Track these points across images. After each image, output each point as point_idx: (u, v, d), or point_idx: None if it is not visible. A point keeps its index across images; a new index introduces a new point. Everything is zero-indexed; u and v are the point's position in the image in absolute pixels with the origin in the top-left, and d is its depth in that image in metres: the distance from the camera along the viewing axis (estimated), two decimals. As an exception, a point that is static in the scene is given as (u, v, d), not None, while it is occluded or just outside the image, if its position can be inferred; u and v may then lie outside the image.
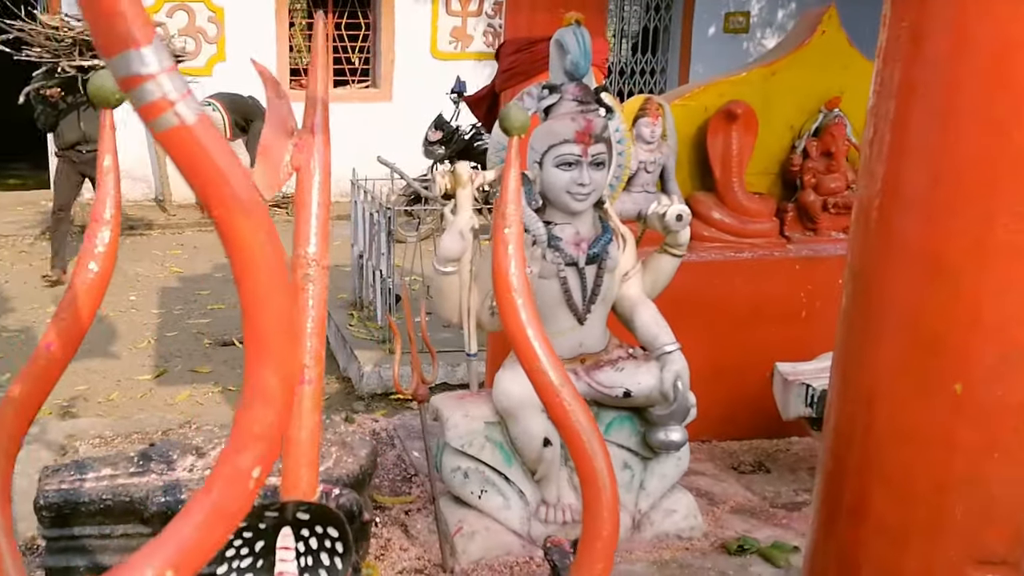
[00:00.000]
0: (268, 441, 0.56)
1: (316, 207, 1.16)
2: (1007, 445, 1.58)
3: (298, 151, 1.16)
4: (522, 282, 1.19)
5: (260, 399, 0.54)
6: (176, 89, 0.54)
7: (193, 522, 0.55)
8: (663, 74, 11.67)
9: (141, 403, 5.13)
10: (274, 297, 0.55)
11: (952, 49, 1.46)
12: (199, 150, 0.54)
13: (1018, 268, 1.49)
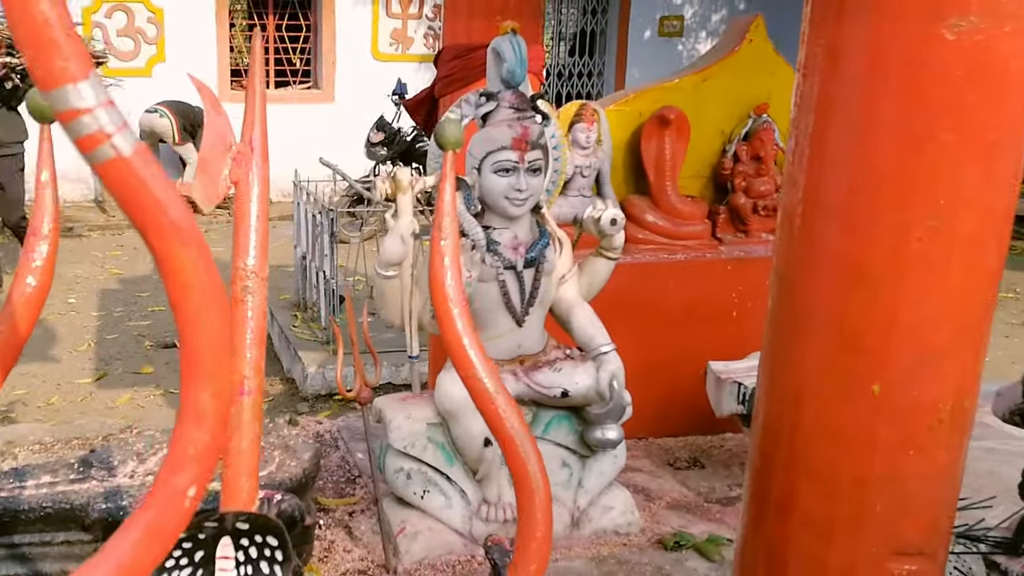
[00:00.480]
0: (203, 461, 0.58)
1: (255, 220, 1.19)
2: (922, 443, 1.65)
3: (236, 165, 1.18)
4: (458, 292, 1.23)
5: (195, 420, 0.57)
6: (113, 122, 0.57)
7: (130, 540, 0.58)
8: (600, 77, 11.80)
9: (82, 407, 5.06)
10: (210, 321, 0.58)
11: (868, 67, 1.53)
12: (136, 181, 0.57)
13: (931, 275, 1.56)
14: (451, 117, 2.18)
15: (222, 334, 0.57)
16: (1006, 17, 1.43)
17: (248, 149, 1.18)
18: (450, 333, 1.23)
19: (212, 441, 0.58)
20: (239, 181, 1.18)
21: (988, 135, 1.50)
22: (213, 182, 1.16)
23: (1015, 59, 1.47)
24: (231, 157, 1.18)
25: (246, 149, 1.18)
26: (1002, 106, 1.49)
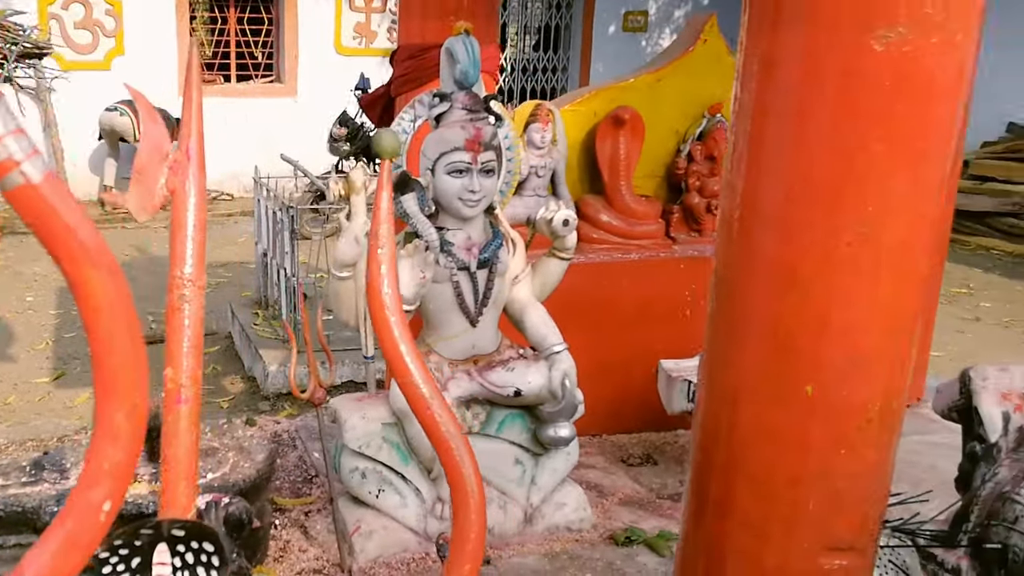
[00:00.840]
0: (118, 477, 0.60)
1: (192, 228, 1.20)
2: (852, 442, 1.70)
3: (173, 174, 1.19)
4: (395, 300, 1.25)
5: (109, 438, 0.59)
6: (22, 149, 0.58)
7: (49, 553, 0.60)
8: (564, 72, 11.84)
9: (39, 407, 5.02)
10: (121, 342, 0.59)
11: (801, 76, 1.57)
12: (46, 207, 0.58)
13: (861, 280, 1.61)
14: (389, 127, 2.19)
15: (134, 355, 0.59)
16: (933, 29, 1.47)
17: (185, 158, 1.19)
18: (388, 340, 1.25)
19: (126, 457, 0.60)
20: (176, 190, 1.19)
21: (916, 144, 1.54)
22: (149, 191, 1.18)
23: (941, 70, 1.51)
24: (167, 166, 1.19)
25: (183, 158, 1.19)
26: (929, 116, 1.54)
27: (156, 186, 1.19)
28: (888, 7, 1.46)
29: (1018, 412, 2.62)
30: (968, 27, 1.51)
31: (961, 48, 1.51)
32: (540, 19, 12.00)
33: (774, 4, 1.59)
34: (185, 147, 1.21)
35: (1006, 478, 2.57)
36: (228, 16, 10.57)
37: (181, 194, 1.19)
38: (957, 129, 1.59)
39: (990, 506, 2.57)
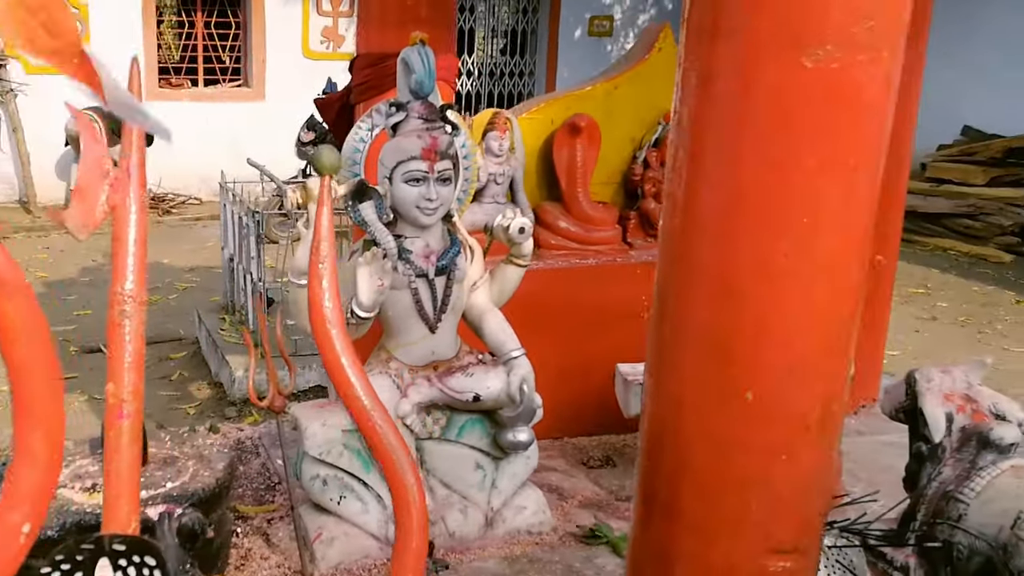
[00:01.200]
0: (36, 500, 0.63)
1: (133, 244, 1.22)
2: (792, 447, 1.74)
3: (114, 191, 1.22)
4: (336, 314, 1.28)
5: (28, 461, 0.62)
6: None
7: (-33, 572, 0.62)
8: (531, 76, 11.89)
9: (3, 414, 5.00)
10: (38, 368, 0.62)
11: (736, 91, 1.61)
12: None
13: (796, 290, 1.65)
14: (328, 145, 2.21)
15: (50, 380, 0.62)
16: (860, 47, 1.52)
17: (125, 175, 1.22)
18: (329, 353, 1.27)
19: (45, 480, 0.62)
20: (117, 207, 1.21)
21: (847, 158, 1.59)
22: (90, 208, 1.20)
23: (869, 86, 1.56)
24: (108, 183, 1.21)
25: (123, 175, 1.21)
26: (859, 130, 1.59)
27: (97, 203, 1.21)
28: (817, 26, 1.51)
29: (961, 413, 2.69)
30: (893, 45, 1.56)
31: (887, 65, 1.56)
32: (507, 23, 12.05)
33: (711, 20, 1.63)
34: (126, 164, 1.23)
35: (950, 477, 2.64)
36: (195, 20, 10.54)
37: (122, 210, 1.21)
38: (886, 142, 1.64)
39: (935, 505, 2.64)
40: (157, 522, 1.85)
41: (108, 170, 1.22)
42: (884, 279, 4.29)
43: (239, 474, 3.54)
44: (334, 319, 1.28)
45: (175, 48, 11.16)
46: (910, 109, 4.12)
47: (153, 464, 2.73)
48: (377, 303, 2.76)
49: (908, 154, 4.26)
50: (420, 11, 3.24)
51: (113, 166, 1.24)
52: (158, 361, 6.00)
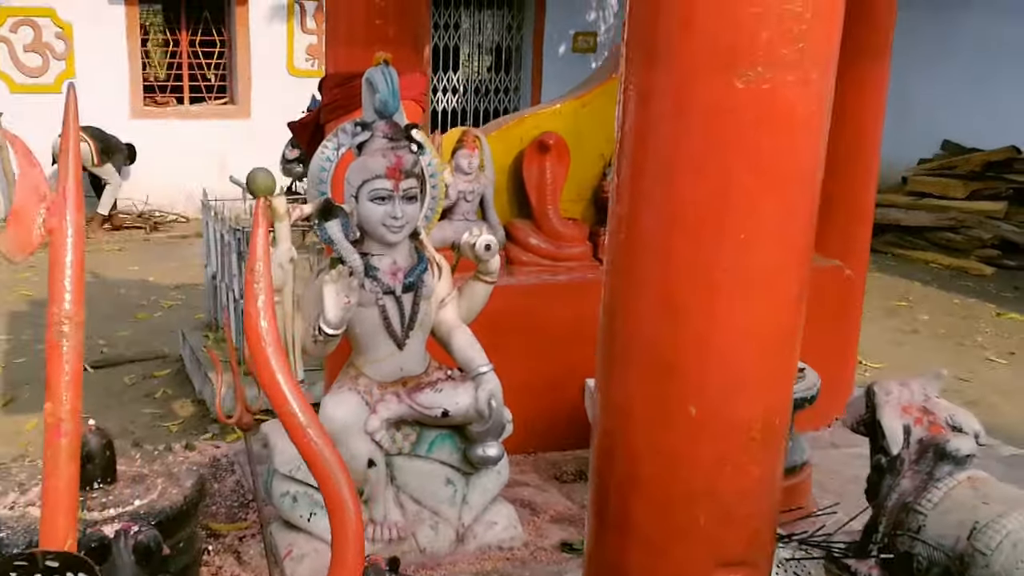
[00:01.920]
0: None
1: (69, 267, 1.25)
2: (737, 460, 1.78)
3: (51, 214, 1.25)
4: (271, 333, 1.31)
5: None
6: None
7: None
8: (517, 92, 11.96)
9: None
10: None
11: (673, 111, 1.65)
12: None
13: (735, 304, 1.69)
14: (262, 167, 2.24)
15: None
16: (788, 68, 1.57)
17: (62, 199, 1.25)
18: (264, 371, 1.31)
19: None
20: (54, 230, 1.25)
21: (782, 174, 1.63)
22: (27, 231, 1.23)
23: (801, 106, 1.60)
24: (45, 207, 1.24)
25: (59, 199, 1.25)
26: (792, 148, 1.63)
27: (34, 226, 1.24)
28: (747, 48, 1.55)
29: (918, 425, 2.73)
30: (823, 66, 1.60)
31: (817, 85, 1.61)
32: (492, 40, 12.13)
33: (649, 43, 1.68)
34: (62, 188, 1.27)
35: (909, 489, 2.67)
36: (180, 38, 10.59)
37: (59, 233, 1.25)
38: (821, 159, 1.69)
39: (896, 516, 2.67)
40: (113, 539, 1.88)
41: (45, 194, 1.26)
42: (853, 293, 4.33)
43: (213, 492, 3.56)
44: (269, 338, 1.31)
45: (160, 66, 11.21)
46: (876, 125, 4.18)
47: (122, 482, 2.75)
48: (344, 320, 2.79)
49: (875, 169, 4.31)
50: (388, 31, 3.29)
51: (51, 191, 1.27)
52: (142, 379, 6.00)
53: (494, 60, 12.11)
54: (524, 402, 3.41)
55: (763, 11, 1.54)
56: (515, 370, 3.39)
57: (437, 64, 11.61)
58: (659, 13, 1.64)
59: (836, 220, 4.30)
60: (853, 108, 4.14)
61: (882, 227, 9.69)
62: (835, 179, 4.24)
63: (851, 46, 4.01)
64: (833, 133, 4.23)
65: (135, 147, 9.86)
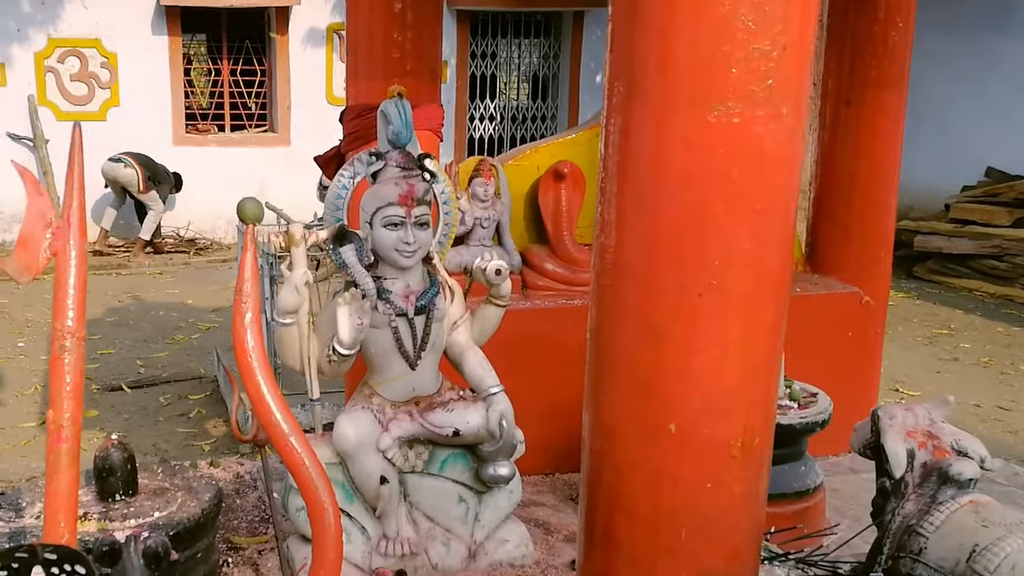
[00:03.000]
0: None
1: (72, 287, 1.36)
2: (718, 477, 1.84)
3: (56, 238, 1.36)
4: (258, 349, 1.41)
5: None
6: None
7: None
8: (553, 120, 12.07)
9: (24, 450, 5.15)
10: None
11: (651, 145, 1.74)
12: None
13: (712, 327, 1.76)
14: (250, 196, 2.33)
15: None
16: (758, 103, 1.65)
17: (66, 224, 1.36)
18: (251, 384, 1.41)
19: None
20: (58, 252, 1.36)
21: (754, 204, 1.71)
22: (34, 254, 1.34)
23: (772, 139, 1.68)
24: (51, 232, 1.35)
25: (64, 224, 1.36)
26: (763, 179, 1.70)
27: (41, 249, 1.35)
28: (717, 85, 1.64)
29: (922, 449, 2.76)
30: (793, 102, 1.68)
31: (788, 119, 1.68)
32: (529, 68, 12.28)
33: (628, 79, 1.76)
34: (67, 214, 1.38)
35: (912, 512, 2.71)
36: (222, 68, 10.86)
37: (63, 256, 1.36)
38: (794, 190, 1.75)
39: (899, 539, 2.70)
40: (124, 544, 1.99)
41: (50, 220, 1.37)
42: (872, 319, 4.35)
43: (235, 507, 3.67)
44: (255, 353, 1.41)
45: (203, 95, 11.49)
46: (893, 153, 4.22)
47: (143, 495, 2.86)
48: (357, 341, 2.89)
49: (894, 196, 4.34)
50: (406, 64, 3.41)
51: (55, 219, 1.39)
52: (177, 399, 6.15)
53: (531, 88, 12.26)
54: (541, 424, 3.49)
55: (732, 49, 1.62)
56: (532, 392, 3.48)
57: (474, 92, 11.79)
58: (636, 51, 1.72)
59: (854, 247, 4.35)
60: (869, 137, 4.20)
61: (924, 255, 9.63)
62: (852, 207, 4.31)
63: (866, 77, 4.12)
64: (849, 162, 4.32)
65: (182, 176, 10.10)
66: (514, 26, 11.79)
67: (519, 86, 12.52)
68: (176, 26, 10.23)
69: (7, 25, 9.77)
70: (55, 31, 9.90)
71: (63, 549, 1.26)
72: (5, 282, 9.06)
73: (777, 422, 3.21)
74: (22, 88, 9.73)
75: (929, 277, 9.52)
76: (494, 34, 11.75)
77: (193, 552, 2.79)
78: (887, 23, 4.02)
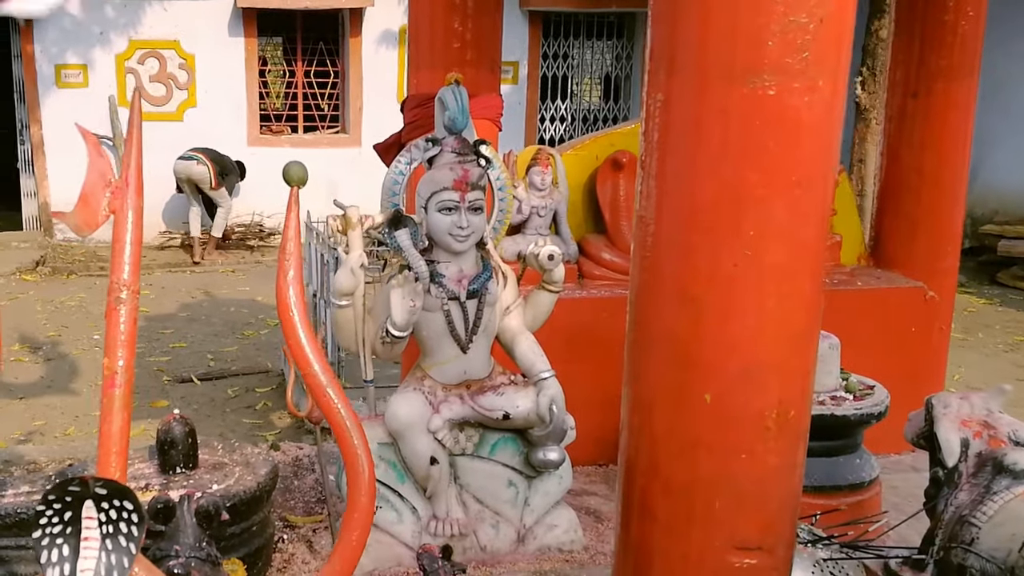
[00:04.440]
0: None
1: (129, 243, 1.45)
2: (752, 447, 1.86)
3: (114, 198, 1.45)
4: (299, 303, 1.48)
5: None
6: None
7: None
8: (625, 120, 12.07)
9: (96, 438, 5.35)
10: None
11: (689, 117, 1.77)
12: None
13: (748, 297, 1.78)
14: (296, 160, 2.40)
15: None
16: (794, 76, 1.66)
17: (124, 184, 1.45)
18: (292, 336, 1.47)
19: None
20: (117, 211, 1.44)
21: (789, 176, 1.72)
22: (93, 212, 1.43)
23: (807, 111, 1.69)
24: (110, 191, 1.44)
25: (122, 185, 1.44)
26: (799, 151, 1.71)
27: (100, 207, 1.44)
28: (752, 58, 1.66)
29: (977, 438, 2.73)
30: (830, 75, 1.69)
31: (824, 92, 1.69)
32: (601, 70, 12.31)
33: (668, 55, 1.79)
34: (125, 175, 1.46)
35: (965, 502, 2.67)
36: (296, 70, 11.10)
37: (121, 214, 1.45)
38: (831, 162, 1.77)
39: (951, 529, 2.67)
40: (177, 503, 2.08)
41: (110, 180, 1.46)
42: (938, 315, 4.28)
43: (293, 488, 3.77)
44: (296, 306, 1.48)
45: (278, 96, 11.75)
46: (963, 147, 4.15)
47: (202, 468, 2.97)
48: (410, 323, 2.96)
49: (962, 191, 4.26)
50: (466, 54, 3.47)
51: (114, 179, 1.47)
52: (245, 391, 6.31)
53: (603, 89, 12.28)
54: (595, 414, 3.51)
55: (768, 22, 1.64)
56: (587, 382, 3.50)
57: (545, 93, 11.85)
58: (676, 25, 1.75)
59: (920, 242, 4.29)
60: (938, 129, 4.14)
61: (1010, 260, 9.38)
62: (919, 201, 4.25)
63: (935, 68, 4.06)
64: (916, 155, 4.25)
65: (244, 165, 10.31)
66: (586, 27, 11.84)
67: (591, 87, 12.55)
68: (252, 28, 10.50)
69: (90, 28, 10.13)
70: (135, 33, 10.24)
71: (112, 484, 1.34)
72: (84, 277, 9.41)
73: (831, 413, 3.23)
74: (103, 89, 10.05)
75: (1013, 283, 9.27)
76: (566, 35, 11.81)
77: (249, 524, 2.88)
78: (958, 12, 3.96)
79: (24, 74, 10.19)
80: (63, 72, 10.15)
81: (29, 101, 10.23)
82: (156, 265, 9.84)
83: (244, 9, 10.27)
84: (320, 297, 6.25)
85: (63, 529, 1.37)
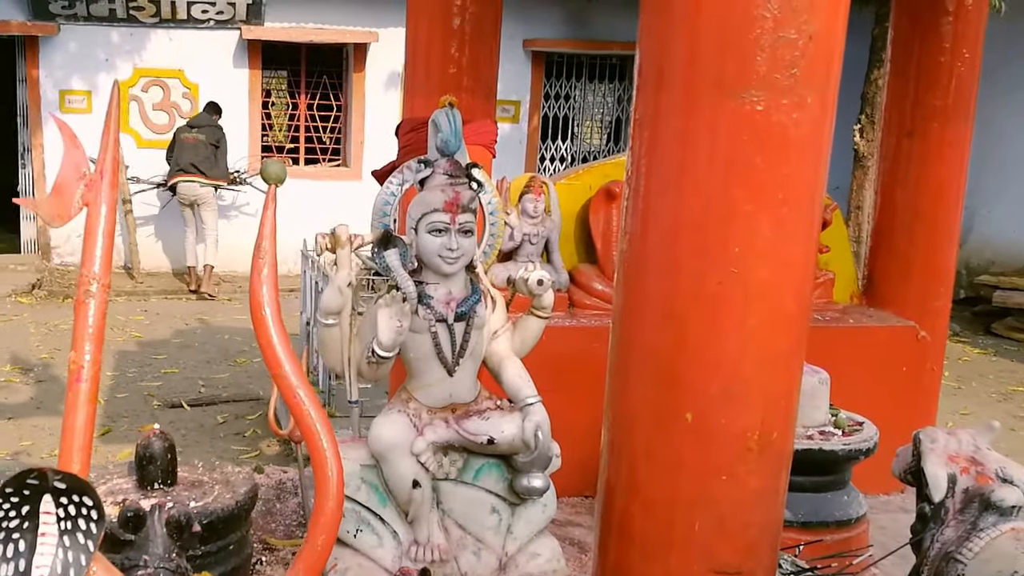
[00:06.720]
0: None
1: (101, 236, 1.43)
2: (733, 469, 1.83)
3: (88, 189, 1.43)
4: (272, 301, 1.46)
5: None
6: None
7: None
8: (625, 162, 12.13)
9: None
10: None
11: (676, 133, 1.76)
12: None
13: (731, 316, 1.76)
14: (274, 158, 2.40)
15: None
16: (782, 92, 1.66)
17: (99, 177, 1.43)
18: (263, 335, 1.45)
19: None
20: (90, 203, 1.43)
21: (775, 192, 1.71)
22: (66, 203, 1.41)
23: (795, 128, 1.68)
24: (84, 183, 1.42)
25: (96, 177, 1.43)
26: (786, 168, 1.70)
27: (73, 199, 1.42)
28: (741, 73, 1.65)
29: (964, 474, 2.69)
30: (819, 92, 1.69)
31: (813, 109, 1.69)
32: (603, 112, 12.40)
33: (656, 69, 1.79)
34: (100, 168, 1.45)
35: (951, 538, 2.64)
36: (299, 102, 11.17)
37: (94, 206, 1.43)
38: (819, 181, 1.75)
39: (936, 566, 2.63)
40: (148, 512, 2.04)
41: (84, 172, 1.44)
42: (931, 356, 4.26)
43: (275, 511, 3.72)
44: (270, 306, 1.46)
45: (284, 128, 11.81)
46: (957, 188, 4.15)
47: (181, 485, 2.93)
48: (396, 343, 2.93)
49: (956, 232, 4.26)
50: (462, 80, 3.49)
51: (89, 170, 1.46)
52: (234, 418, 6.27)
53: (603, 131, 12.35)
54: (584, 444, 3.46)
55: (757, 37, 1.64)
56: (575, 412, 3.47)
57: (546, 133, 11.92)
58: (665, 38, 1.75)
59: (913, 281, 4.28)
60: (933, 170, 4.15)
61: (1005, 311, 9.38)
62: (914, 241, 4.25)
63: (930, 108, 4.07)
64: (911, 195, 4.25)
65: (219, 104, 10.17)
66: (588, 69, 11.93)
67: (592, 128, 12.63)
68: (257, 60, 10.58)
69: (95, 54, 10.21)
70: (141, 61, 10.31)
71: (72, 478, 1.31)
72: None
73: (819, 448, 3.20)
74: (106, 115, 10.10)
75: (1008, 334, 9.27)
76: (568, 76, 11.89)
77: (226, 543, 2.84)
78: (953, 53, 3.98)
79: (28, 98, 10.25)
80: (67, 97, 10.21)
81: (32, 125, 10.27)
82: (152, 292, 9.83)
83: (249, 41, 10.36)
84: (313, 326, 6.23)
85: (20, 524, 1.33)
